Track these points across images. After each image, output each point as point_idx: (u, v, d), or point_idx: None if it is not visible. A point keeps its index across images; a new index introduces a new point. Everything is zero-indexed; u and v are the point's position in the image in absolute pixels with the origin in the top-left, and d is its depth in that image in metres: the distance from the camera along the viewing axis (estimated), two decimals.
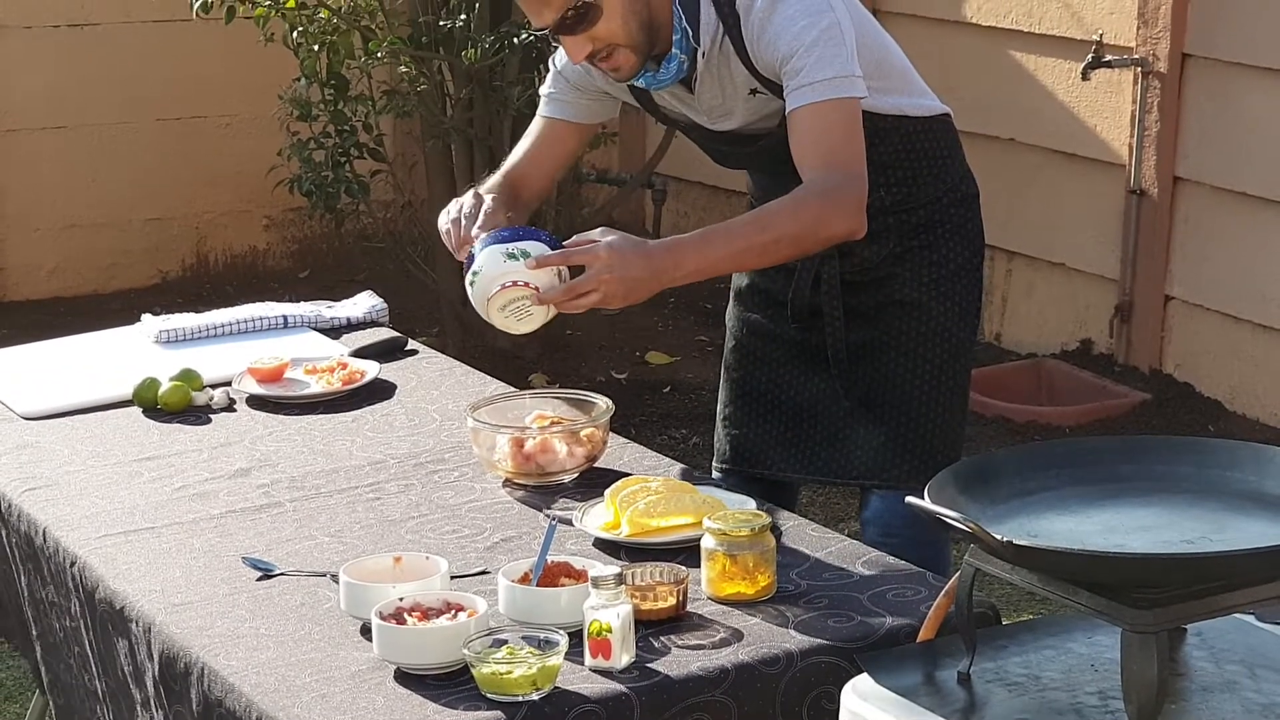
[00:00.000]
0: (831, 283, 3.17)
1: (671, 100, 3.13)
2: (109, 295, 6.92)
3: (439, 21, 5.64)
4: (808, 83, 2.94)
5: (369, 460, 3.09)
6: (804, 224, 2.93)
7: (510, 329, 2.91)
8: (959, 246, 3.21)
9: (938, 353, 3.19)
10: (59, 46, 6.79)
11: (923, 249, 3.18)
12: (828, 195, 2.93)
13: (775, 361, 3.27)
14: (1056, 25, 5.90)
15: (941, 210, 3.20)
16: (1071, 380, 5.76)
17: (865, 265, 3.17)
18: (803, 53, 2.93)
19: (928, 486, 2.21)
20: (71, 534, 2.84)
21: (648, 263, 2.86)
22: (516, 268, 2.86)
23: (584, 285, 2.85)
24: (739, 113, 3.08)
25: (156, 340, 3.67)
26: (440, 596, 2.44)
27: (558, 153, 3.25)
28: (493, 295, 2.87)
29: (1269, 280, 5.39)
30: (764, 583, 2.53)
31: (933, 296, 3.18)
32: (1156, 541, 2.16)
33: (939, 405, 3.18)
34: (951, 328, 3.19)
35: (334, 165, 5.71)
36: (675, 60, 3.01)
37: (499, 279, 2.86)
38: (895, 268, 3.18)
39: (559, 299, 2.86)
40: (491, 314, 2.89)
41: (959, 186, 3.25)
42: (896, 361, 3.18)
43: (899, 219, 3.16)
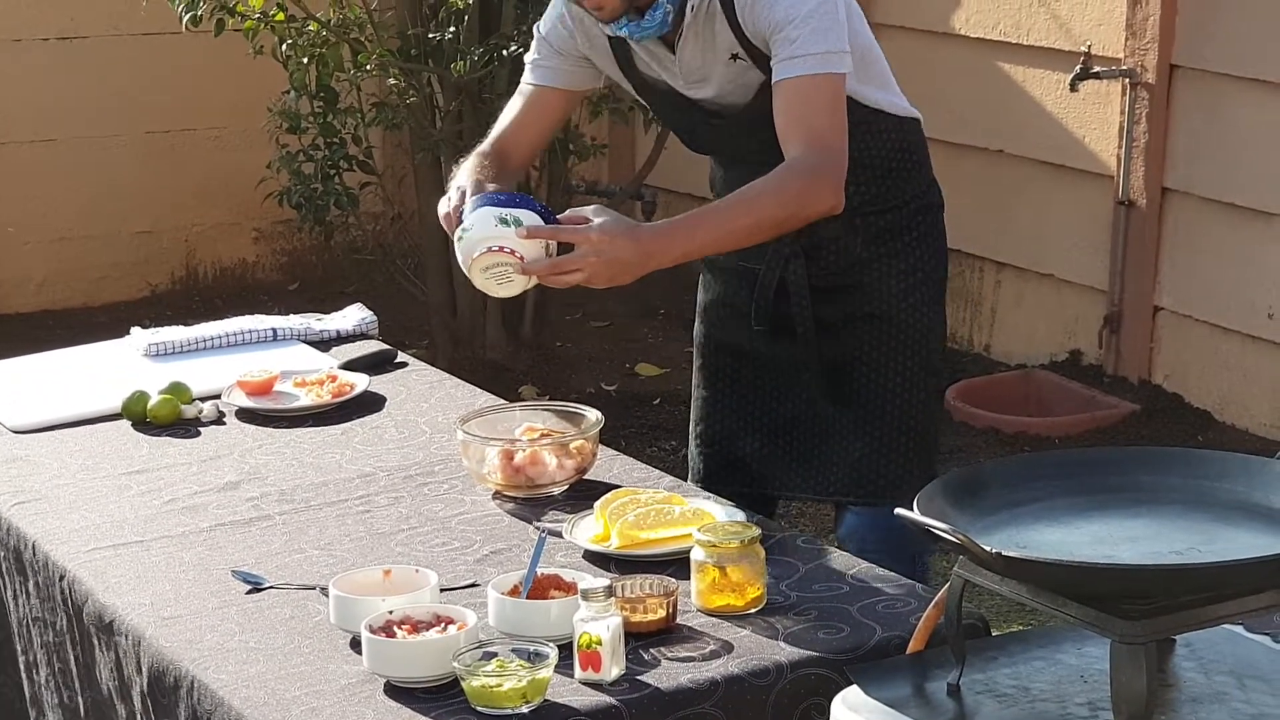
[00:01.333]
0: (799, 288, 3.17)
1: (650, 62, 3.13)
2: (98, 308, 6.92)
3: (428, 34, 5.65)
4: (799, 54, 2.96)
5: (358, 473, 3.09)
6: (787, 204, 2.97)
7: (490, 291, 2.92)
8: (925, 256, 3.23)
9: (908, 366, 3.20)
10: (48, 59, 6.79)
11: (889, 257, 3.19)
12: (810, 174, 2.97)
13: (745, 379, 3.28)
14: (1045, 37, 5.91)
15: (908, 216, 3.22)
16: (1061, 391, 5.77)
17: (832, 269, 3.18)
18: (799, 22, 2.96)
19: (916, 498, 2.21)
20: (61, 547, 2.84)
21: (636, 246, 2.88)
22: (506, 234, 2.87)
23: (569, 264, 2.86)
24: (715, 79, 3.08)
25: (146, 353, 3.67)
26: (430, 609, 2.44)
27: (543, 119, 3.28)
28: (478, 256, 2.88)
29: (1258, 291, 5.39)
30: (754, 595, 2.53)
31: (901, 309, 3.19)
32: (1145, 552, 2.16)
33: (912, 419, 3.20)
34: (920, 340, 3.21)
35: (323, 178, 5.71)
36: (661, 10, 3.01)
37: (486, 241, 2.87)
38: (862, 276, 3.18)
39: (542, 272, 2.87)
40: (473, 273, 2.90)
41: (926, 194, 3.27)
42: (867, 377, 3.19)
43: (866, 220, 3.17)
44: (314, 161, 5.73)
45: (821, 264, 3.18)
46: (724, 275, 3.31)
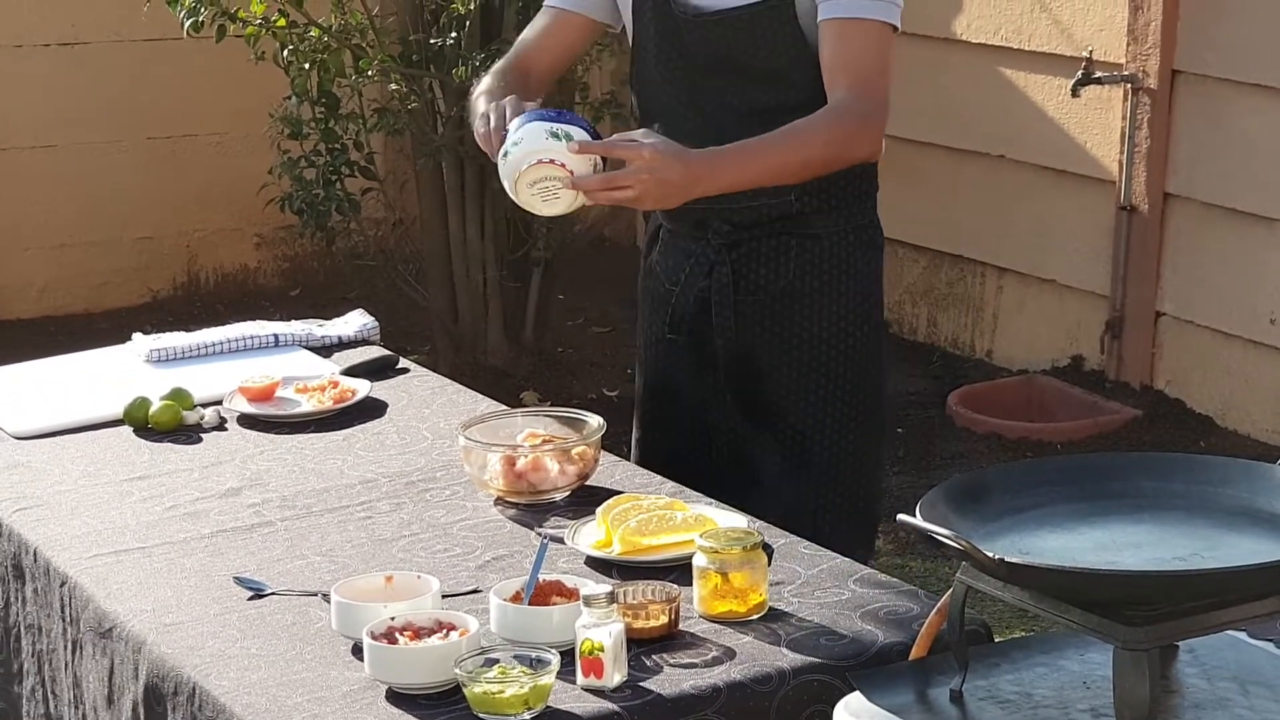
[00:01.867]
0: (723, 299, 3.12)
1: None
2: (100, 314, 6.92)
3: (430, 39, 5.65)
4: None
5: (360, 479, 3.08)
6: (833, 145, 2.97)
7: (534, 208, 2.89)
8: (859, 296, 3.14)
9: (837, 409, 3.13)
10: (50, 65, 6.79)
11: (820, 292, 3.12)
12: (857, 118, 2.97)
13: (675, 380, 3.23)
14: (1046, 42, 5.91)
15: (845, 251, 3.14)
16: (1063, 396, 5.77)
17: (759, 291, 3.11)
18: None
19: (919, 504, 2.21)
20: (62, 554, 2.84)
21: (686, 169, 2.86)
22: (558, 147, 2.84)
23: (621, 179, 2.84)
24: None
25: (147, 359, 3.66)
26: (432, 615, 2.44)
27: (563, 42, 3.24)
28: (526, 169, 2.85)
29: (1260, 296, 5.39)
30: (756, 601, 2.52)
31: (831, 353, 3.12)
32: (1148, 559, 2.16)
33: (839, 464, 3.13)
34: (851, 382, 3.13)
35: (325, 183, 5.72)
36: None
37: (537, 154, 2.84)
38: (793, 312, 3.11)
39: (593, 187, 2.84)
40: (519, 188, 2.86)
41: (868, 231, 3.19)
42: (794, 426, 3.12)
43: (800, 242, 3.11)
44: (315, 167, 5.73)
45: (750, 281, 3.12)
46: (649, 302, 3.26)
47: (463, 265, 6.02)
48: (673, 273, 3.21)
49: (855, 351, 3.14)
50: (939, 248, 6.36)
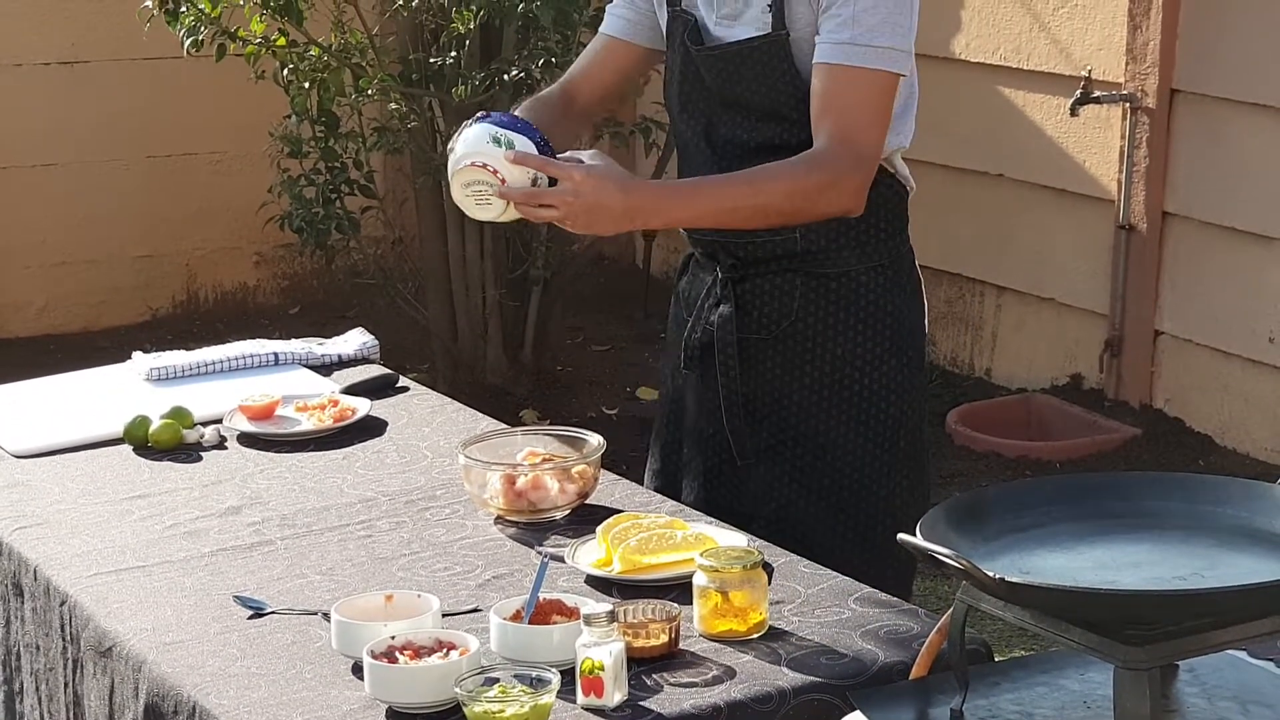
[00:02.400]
0: (727, 340, 3.02)
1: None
2: (99, 332, 6.93)
3: (429, 58, 5.66)
4: (862, 43, 2.83)
5: (360, 498, 3.08)
6: (796, 197, 2.86)
7: (469, 210, 2.90)
8: (867, 343, 2.99)
9: (825, 468, 2.99)
10: (50, 84, 6.81)
11: (824, 335, 2.98)
12: (831, 171, 2.85)
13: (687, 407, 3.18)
14: (1045, 61, 5.92)
15: (855, 293, 2.99)
16: (1062, 415, 5.77)
17: (763, 331, 3.02)
18: (868, 6, 2.82)
19: (919, 523, 2.21)
20: (62, 572, 2.84)
21: (624, 198, 2.82)
22: (495, 153, 2.84)
23: (546, 197, 2.82)
24: (744, 20, 2.95)
25: (147, 378, 3.67)
26: (432, 634, 2.44)
27: (611, 67, 3.20)
28: (461, 169, 2.86)
29: (1258, 315, 5.40)
30: (756, 620, 2.52)
31: (826, 404, 2.98)
32: (1148, 578, 2.15)
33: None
34: (844, 438, 2.99)
35: (324, 202, 5.72)
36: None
37: (472, 156, 2.85)
38: (793, 355, 2.99)
39: (519, 199, 2.83)
40: (454, 186, 2.89)
41: (891, 271, 3.01)
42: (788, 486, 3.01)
43: (805, 280, 2.98)
44: (315, 186, 5.74)
45: (754, 318, 3.02)
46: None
47: (462, 284, 6.02)
48: (692, 303, 3.13)
49: (852, 402, 3.00)
50: (938, 266, 6.36)
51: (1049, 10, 5.89)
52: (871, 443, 3.01)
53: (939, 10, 6.22)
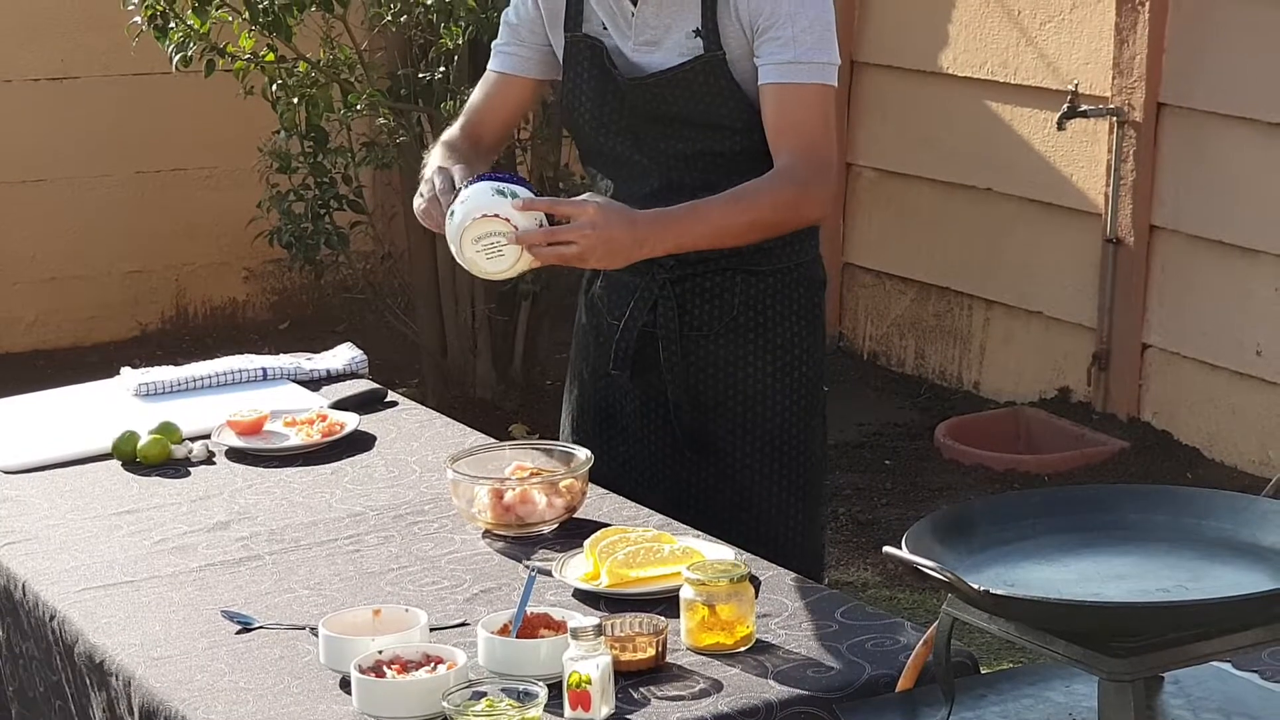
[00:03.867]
0: (670, 334, 3.13)
1: (604, 19, 3.09)
2: (89, 348, 6.93)
3: (418, 74, 5.67)
4: (804, 60, 2.98)
5: (348, 512, 3.09)
6: (781, 206, 3.00)
7: (479, 266, 2.91)
8: (802, 331, 3.18)
9: (786, 450, 3.15)
10: (39, 100, 6.81)
11: (765, 328, 3.15)
12: (804, 182, 3.00)
13: (612, 421, 3.25)
14: (1032, 75, 5.94)
15: (789, 287, 3.16)
16: (1050, 428, 5.78)
17: (703, 328, 3.14)
18: (805, 25, 2.97)
19: (905, 535, 2.21)
20: (51, 588, 2.84)
21: (632, 230, 2.89)
22: (503, 203, 2.87)
23: (566, 234, 2.87)
24: (665, 47, 3.05)
25: (136, 393, 3.67)
26: (419, 649, 2.44)
27: (509, 104, 3.29)
28: (471, 224, 2.87)
29: (1245, 328, 5.41)
30: (743, 633, 2.53)
31: (776, 388, 3.15)
32: (1133, 590, 2.16)
33: (784, 501, 3.15)
34: (798, 422, 3.16)
35: (314, 217, 5.73)
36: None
37: (482, 209, 2.87)
38: (737, 345, 3.14)
39: (537, 240, 2.87)
40: (464, 245, 2.89)
41: (810, 268, 3.21)
42: (743, 461, 3.14)
43: (744, 279, 3.13)
44: (304, 201, 5.75)
45: (695, 317, 3.14)
46: (591, 337, 3.27)
47: (451, 299, 6.03)
48: (615, 308, 3.21)
49: (797, 386, 3.16)
50: (926, 280, 6.38)
51: (1036, 25, 5.91)
52: (807, 413, 3.18)
53: (927, 25, 6.24)
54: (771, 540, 3.10)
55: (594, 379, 3.29)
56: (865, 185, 6.39)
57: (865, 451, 5.73)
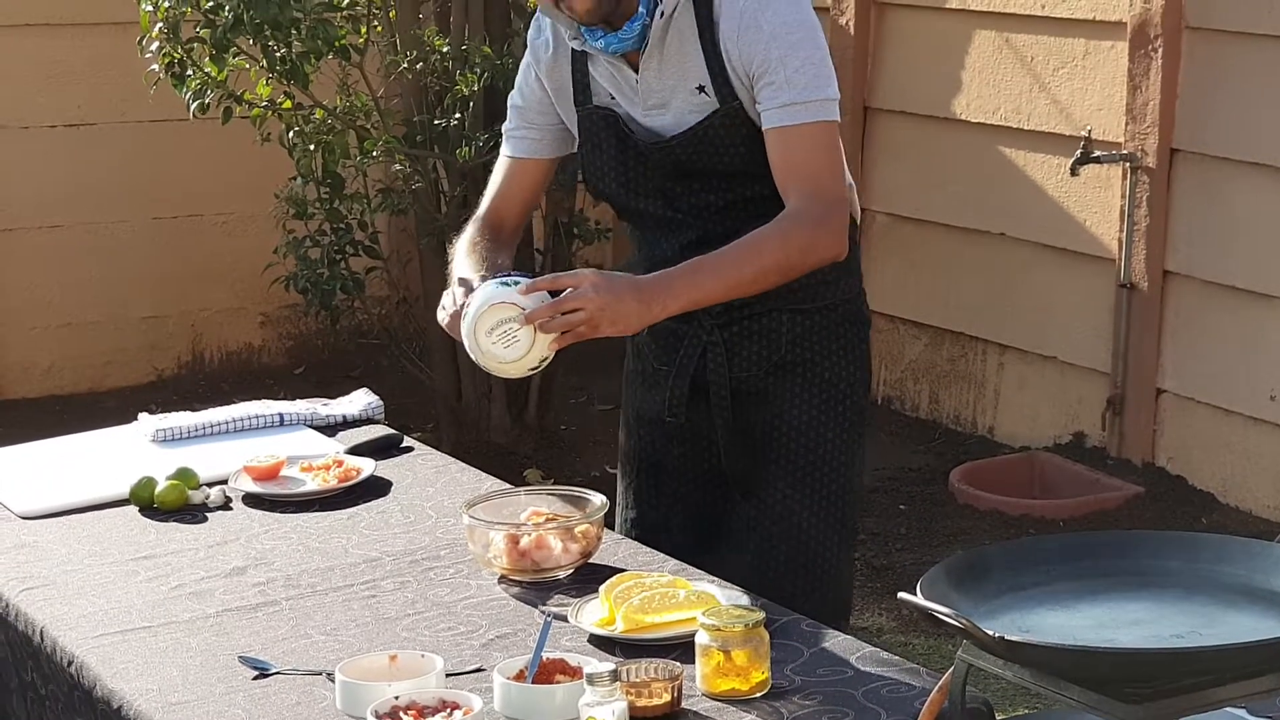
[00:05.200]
0: (719, 382, 3.15)
1: (610, 89, 3.11)
2: (105, 393, 6.94)
3: (434, 120, 5.70)
4: (801, 100, 2.97)
5: (364, 558, 3.10)
6: (791, 253, 2.99)
7: (497, 359, 2.93)
8: (848, 367, 3.19)
9: (827, 483, 3.17)
10: (56, 146, 6.84)
11: (811, 364, 3.16)
12: (814, 222, 2.99)
13: (667, 463, 3.27)
14: (1045, 121, 5.95)
15: (834, 324, 3.18)
16: (1064, 473, 5.78)
17: (752, 369, 3.16)
18: (798, 67, 2.97)
19: (920, 582, 2.22)
20: (69, 633, 2.85)
21: (637, 293, 2.91)
22: (508, 291, 2.93)
23: (569, 302, 2.89)
24: (675, 107, 3.07)
25: (153, 439, 3.68)
26: (436, 694, 2.45)
27: (526, 186, 3.31)
28: (482, 315, 2.92)
29: (1260, 373, 5.41)
30: (758, 679, 2.53)
31: (823, 421, 3.16)
32: (1147, 636, 2.17)
33: (827, 535, 3.16)
34: (841, 454, 3.17)
35: (329, 263, 5.75)
36: (639, 20, 3.01)
37: (490, 300, 2.92)
38: (783, 382, 3.15)
39: (544, 314, 2.89)
40: (479, 339, 2.93)
41: (855, 305, 3.23)
42: (785, 493, 3.16)
43: (791, 317, 3.14)
44: (320, 247, 5.77)
45: (742, 359, 3.16)
46: (640, 383, 3.29)
47: None
48: (663, 354, 3.23)
49: (842, 422, 3.17)
50: (941, 325, 6.39)
51: (1049, 71, 5.93)
52: (850, 448, 3.20)
53: (940, 71, 6.27)
54: (810, 570, 3.13)
55: (639, 422, 3.31)
56: (879, 230, 6.40)
57: (880, 496, 5.73)
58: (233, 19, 5.31)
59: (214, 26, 5.37)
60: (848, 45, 6.43)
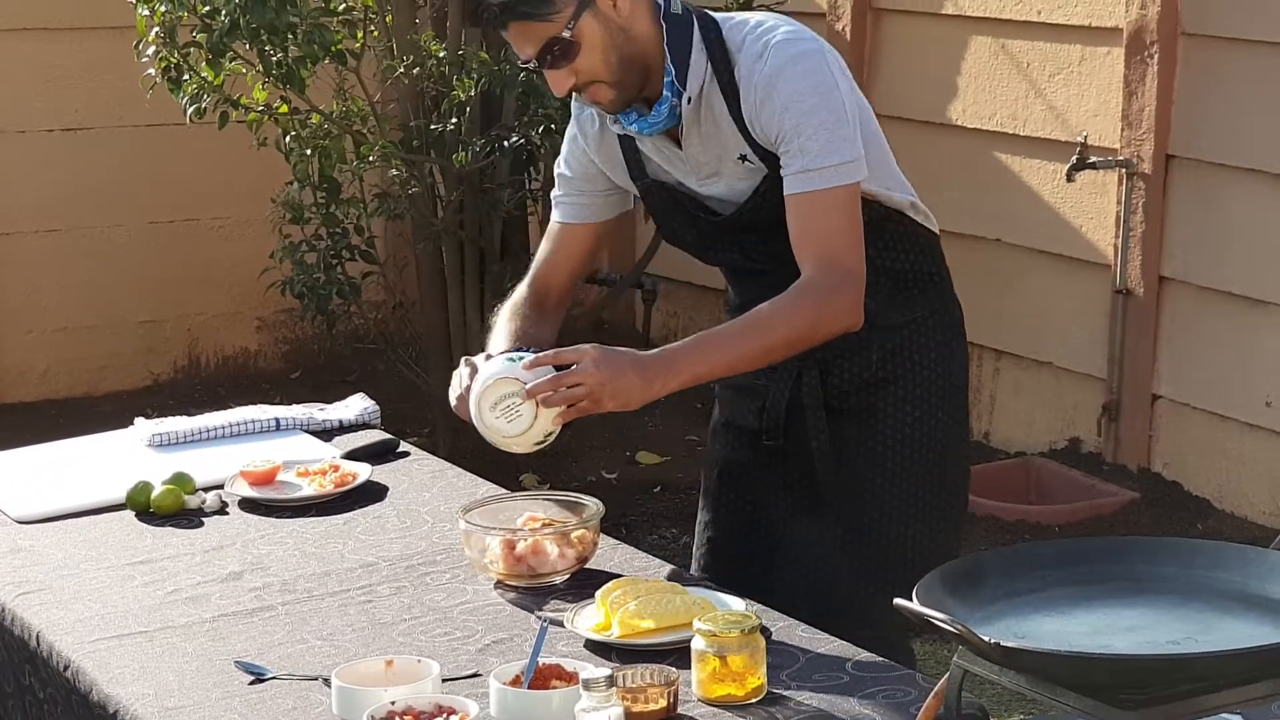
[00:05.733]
0: (815, 403, 3.14)
1: (661, 164, 3.12)
2: (101, 397, 6.94)
3: (430, 125, 5.70)
4: (814, 167, 2.95)
5: (361, 563, 3.10)
6: (800, 326, 2.96)
7: (500, 430, 2.94)
8: (941, 377, 3.18)
9: (929, 493, 3.15)
10: (53, 151, 6.84)
11: (902, 378, 3.15)
12: (825, 295, 2.96)
13: (747, 506, 3.26)
14: (1041, 127, 5.96)
15: (925, 334, 3.17)
16: (1060, 479, 5.78)
17: (846, 387, 3.15)
18: (810, 134, 2.94)
19: (915, 588, 2.22)
20: (65, 638, 2.85)
21: (640, 370, 2.89)
22: (513, 366, 2.94)
23: (570, 377, 2.89)
24: (726, 175, 3.06)
25: (150, 444, 3.68)
26: (432, 700, 2.45)
27: (574, 253, 3.27)
28: (486, 390, 2.93)
29: (1255, 379, 5.42)
30: (754, 684, 2.54)
31: (919, 433, 3.15)
32: (1143, 642, 2.17)
33: (931, 549, 3.14)
34: (934, 464, 3.16)
35: (326, 267, 5.75)
36: (666, 103, 3.01)
37: (494, 375, 2.94)
38: (877, 398, 3.14)
39: (546, 388, 2.89)
40: (484, 413, 2.94)
41: (944, 312, 3.22)
42: (886, 510, 3.14)
43: (880, 335, 3.13)
44: (316, 251, 5.77)
45: (836, 378, 3.15)
46: (733, 394, 3.29)
47: (462, 349, 6.03)
48: (745, 398, 3.23)
49: (935, 432, 3.16)
50: None
51: (1045, 77, 5.94)
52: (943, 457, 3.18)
53: (936, 77, 6.27)
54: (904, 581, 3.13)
55: (727, 429, 3.30)
56: None
57: None
58: (229, 24, 5.31)
59: (210, 31, 5.37)
60: (844, 51, 6.43)
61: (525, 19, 2.93)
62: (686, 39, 3.01)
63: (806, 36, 3.01)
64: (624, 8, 2.98)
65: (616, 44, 2.97)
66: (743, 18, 3.07)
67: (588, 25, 2.94)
